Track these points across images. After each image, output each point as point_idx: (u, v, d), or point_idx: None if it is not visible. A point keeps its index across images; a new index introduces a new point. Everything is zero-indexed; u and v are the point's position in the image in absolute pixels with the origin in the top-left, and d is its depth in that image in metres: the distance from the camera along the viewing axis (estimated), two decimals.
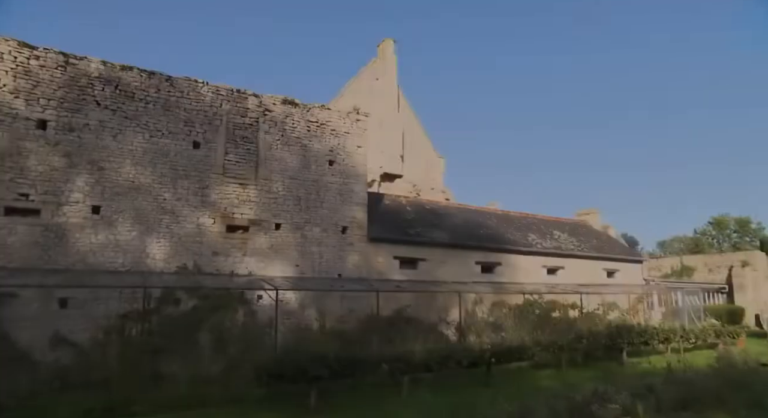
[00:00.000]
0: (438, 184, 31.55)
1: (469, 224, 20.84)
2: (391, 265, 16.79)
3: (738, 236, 70.92)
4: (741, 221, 71.06)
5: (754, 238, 67.61)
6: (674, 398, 8.49)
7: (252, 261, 13.75)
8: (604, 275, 23.67)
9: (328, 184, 15.43)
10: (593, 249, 23.82)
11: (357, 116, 16.42)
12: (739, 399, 8.78)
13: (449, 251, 18.23)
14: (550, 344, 13.91)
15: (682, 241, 75.17)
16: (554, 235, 23.47)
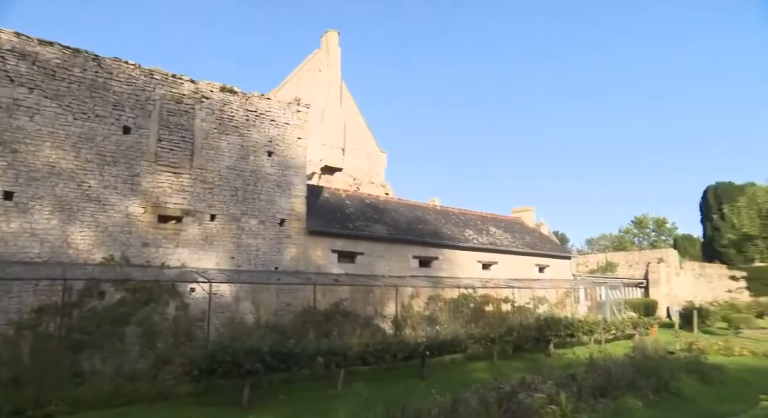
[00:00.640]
0: (379, 179, 31.67)
1: (408, 219, 21.06)
2: (330, 258, 16.69)
3: (656, 234, 76.10)
4: (659, 221, 76.28)
5: (669, 237, 72.86)
6: (594, 385, 9.00)
7: (185, 253, 13.22)
8: (536, 271, 24.66)
9: (266, 176, 15.08)
10: (526, 245, 24.74)
11: (298, 107, 16.13)
12: (649, 384, 9.45)
13: (388, 245, 18.35)
14: (482, 336, 14.35)
15: (608, 238, 79.77)
16: (490, 231, 24.18)
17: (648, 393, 9.16)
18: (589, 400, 8.38)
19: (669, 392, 9.61)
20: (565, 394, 8.24)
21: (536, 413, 7.60)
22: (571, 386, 8.87)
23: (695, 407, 8.70)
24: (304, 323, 14.28)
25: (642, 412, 8.31)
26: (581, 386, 8.94)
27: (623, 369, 10.00)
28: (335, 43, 30.19)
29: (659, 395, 9.35)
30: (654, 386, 9.58)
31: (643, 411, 8.35)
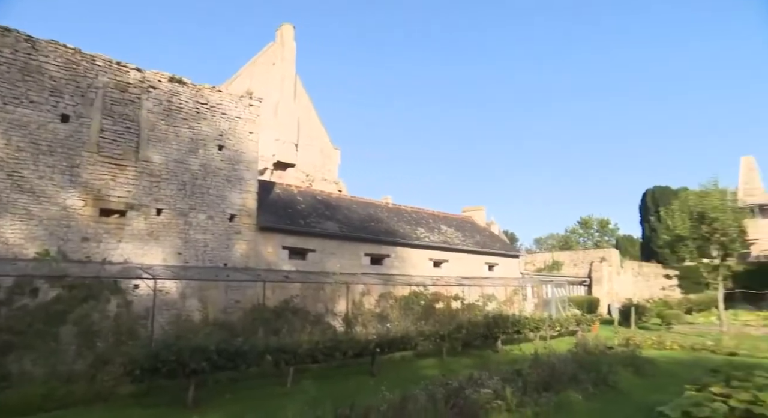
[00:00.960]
0: (332, 176, 31.49)
1: (361, 217, 21.06)
2: (280, 255, 16.46)
3: (600, 235, 79.44)
4: (602, 221, 79.68)
5: (611, 237, 76.24)
6: (538, 380, 9.29)
7: (129, 248, 12.68)
8: (486, 269, 25.21)
9: (216, 170, 14.69)
10: (477, 244, 25.25)
11: (250, 101, 15.78)
12: (590, 378, 9.86)
13: (339, 242, 18.28)
14: (432, 334, 14.53)
15: (555, 238, 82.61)
16: (442, 229, 24.51)
17: (588, 387, 9.54)
18: (533, 394, 8.63)
19: (607, 385, 10.04)
20: (511, 389, 8.46)
21: (482, 408, 7.77)
22: (516, 381, 9.12)
23: (629, 399, 9.14)
24: (254, 321, 14.03)
25: (582, 405, 8.63)
26: (526, 381, 9.21)
27: (566, 364, 10.37)
28: (290, 36, 29.72)
29: (598, 388, 9.76)
30: (594, 379, 9.99)
31: (583, 404, 8.68)
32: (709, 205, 19.67)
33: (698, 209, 19.95)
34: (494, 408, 7.83)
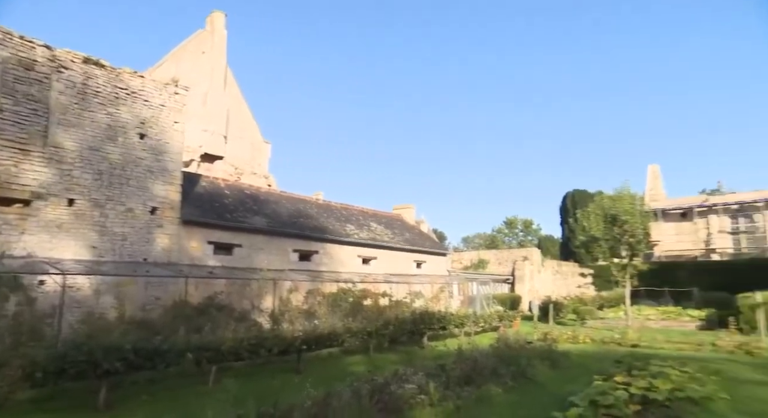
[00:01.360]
0: (262, 170, 30.77)
1: (290, 212, 20.73)
2: (205, 250, 15.87)
3: (524, 234, 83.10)
4: (526, 222, 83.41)
5: (534, 237, 80.00)
6: (461, 375, 9.57)
7: (33, 241, 11.70)
8: (414, 266, 25.61)
9: (137, 160, 13.88)
10: (406, 242, 25.59)
11: (176, 89, 15.05)
12: (509, 372, 10.29)
13: (267, 237, 17.90)
14: (360, 330, 14.57)
15: (482, 237, 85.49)
16: (371, 227, 24.63)
17: (507, 380, 9.94)
18: (455, 388, 8.87)
19: (525, 378, 10.52)
20: (434, 384, 8.65)
21: (407, 403, 7.89)
22: (440, 376, 9.34)
23: (545, 390, 9.63)
24: (175, 318, 13.40)
25: (501, 397, 8.98)
26: (449, 375, 9.45)
27: (488, 359, 10.74)
28: (221, 24, 28.68)
29: (517, 381, 10.20)
30: (513, 373, 10.42)
31: (503, 396, 9.04)
32: (620, 209, 21.12)
33: (611, 212, 21.36)
34: (418, 403, 7.97)
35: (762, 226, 45.27)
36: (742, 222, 46.81)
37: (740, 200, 46.61)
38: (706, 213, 48.06)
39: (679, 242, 48.81)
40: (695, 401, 8.12)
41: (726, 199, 47.54)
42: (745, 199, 46.30)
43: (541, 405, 8.24)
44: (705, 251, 47.23)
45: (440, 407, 8.00)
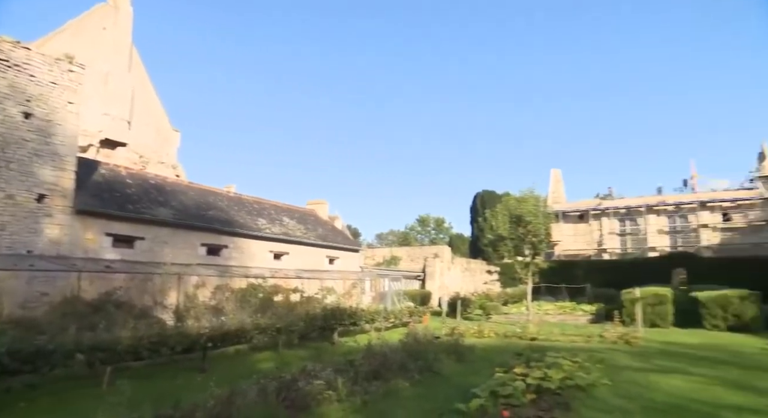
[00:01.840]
0: (170, 159, 29.12)
1: (198, 204, 19.83)
2: (103, 243, 14.75)
3: (435, 232, 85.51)
4: (438, 220, 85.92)
5: (446, 235, 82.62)
6: (369, 370, 9.64)
7: None
8: (327, 262, 25.48)
9: (21, 141, 12.56)
10: (318, 237, 25.39)
11: (70, 66, 13.79)
12: (417, 366, 10.54)
13: (173, 230, 16.99)
14: (269, 326, 14.23)
15: (395, 234, 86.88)
16: (284, 221, 24.18)
17: (415, 374, 10.16)
18: (363, 383, 8.94)
19: (432, 372, 10.81)
20: (343, 379, 8.66)
21: (314, 399, 7.82)
22: (349, 372, 9.36)
23: (450, 383, 9.95)
24: (64, 316, 12.31)
25: (408, 391, 9.16)
26: (358, 371, 9.49)
27: (396, 354, 10.90)
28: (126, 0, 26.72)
29: (424, 375, 10.45)
30: (420, 367, 10.67)
31: (410, 390, 9.22)
32: (525, 210, 22.33)
33: (516, 213, 22.53)
34: (325, 399, 7.93)
35: (644, 228, 50.05)
36: (628, 225, 51.45)
37: (627, 205, 51.17)
38: (599, 216, 52.26)
39: (576, 242, 52.68)
40: (582, 387, 8.79)
41: (616, 204, 51.95)
42: (631, 205, 50.92)
43: (446, 397, 8.50)
44: (598, 251, 51.38)
45: (348, 403, 8.02)
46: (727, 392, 9.03)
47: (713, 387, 9.45)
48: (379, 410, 7.84)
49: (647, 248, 48.95)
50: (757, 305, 19.93)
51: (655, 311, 21.09)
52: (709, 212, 47.88)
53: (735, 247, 44.91)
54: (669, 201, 49.88)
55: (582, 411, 7.60)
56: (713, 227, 47.47)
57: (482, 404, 7.46)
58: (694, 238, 47.92)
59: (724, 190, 49.21)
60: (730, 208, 47.53)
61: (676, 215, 49.66)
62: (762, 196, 45.98)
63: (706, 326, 20.17)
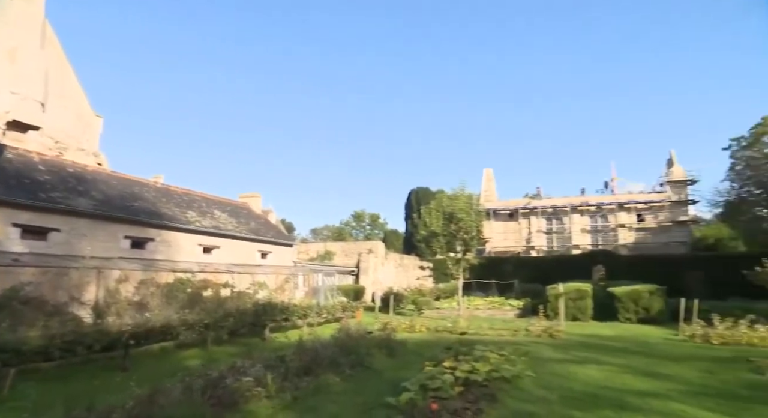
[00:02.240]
0: (91, 146, 27.32)
1: (122, 195, 18.77)
2: (10, 234, 13.62)
3: (371, 228, 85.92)
4: (373, 216, 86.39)
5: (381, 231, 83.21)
6: (300, 365, 9.55)
7: None
8: (259, 257, 24.93)
9: None
10: (251, 231, 24.78)
11: None
12: (348, 361, 10.54)
13: (92, 222, 15.97)
14: (197, 322, 13.74)
15: (330, 229, 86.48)
16: (215, 214, 23.40)
17: (346, 369, 10.15)
18: (294, 379, 8.83)
19: (363, 367, 10.84)
20: (272, 375, 8.50)
21: (243, 396, 7.64)
22: (279, 368, 9.21)
23: (381, 377, 10.02)
24: None
25: (339, 385, 9.14)
26: (288, 366, 9.36)
27: (328, 349, 10.85)
28: None
29: (355, 369, 10.46)
30: (352, 362, 10.67)
31: (341, 385, 9.20)
32: (457, 207, 22.88)
33: (449, 210, 23.03)
34: (254, 395, 7.77)
35: (568, 227, 52.79)
36: (554, 224, 54.09)
37: (554, 205, 53.78)
38: (528, 215, 54.57)
39: (506, 240, 54.71)
40: (507, 379, 9.13)
41: (543, 203, 54.44)
42: (557, 204, 53.57)
43: (377, 392, 8.55)
44: (526, 248, 53.66)
45: (278, 399, 7.89)
46: (634, 379, 9.71)
47: (623, 375, 10.12)
48: (309, 406, 7.76)
49: (571, 245, 51.71)
50: (663, 299, 21.53)
51: (577, 306, 22.27)
52: (626, 213, 51.28)
53: (647, 245, 48.42)
54: (591, 202, 52.90)
55: (507, 402, 7.89)
56: (629, 227, 50.89)
57: (412, 398, 7.56)
58: (613, 237, 51.15)
59: (639, 193, 52.82)
60: (643, 209, 51.12)
61: (598, 215, 52.76)
62: (670, 199, 49.82)
63: (621, 318, 21.55)
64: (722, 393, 8.61)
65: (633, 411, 7.38)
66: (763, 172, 39.10)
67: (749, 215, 42.71)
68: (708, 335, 15.44)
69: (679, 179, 50.44)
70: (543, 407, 7.60)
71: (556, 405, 7.70)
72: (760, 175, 39.40)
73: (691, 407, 7.58)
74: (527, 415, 7.16)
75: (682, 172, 50.78)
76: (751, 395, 8.53)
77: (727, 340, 14.95)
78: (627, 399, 8.08)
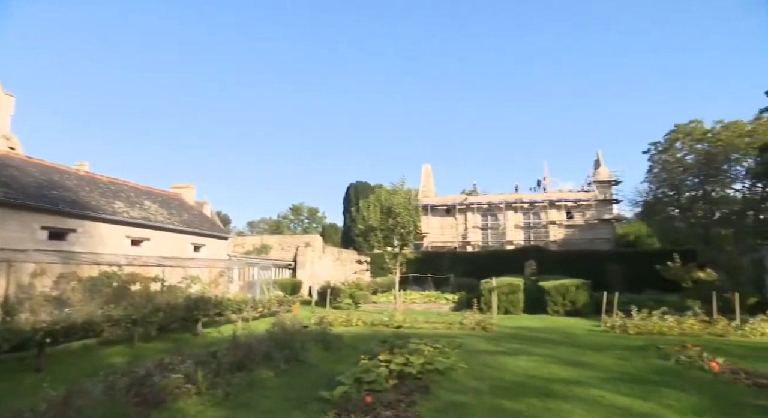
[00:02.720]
0: (2, 129, 25.21)
1: (39, 182, 17.49)
2: None
3: (309, 221, 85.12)
4: (312, 209, 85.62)
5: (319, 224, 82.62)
6: (233, 361, 9.32)
7: None
8: (192, 249, 24.06)
9: None
10: (183, 223, 23.85)
11: None
12: (283, 356, 10.40)
13: (2, 210, 14.77)
14: (123, 318, 13.06)
15: (267, 222, 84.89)
16: (144, 205, 22.33)
17: (281, 364, 10.01)
18: (226, 375, 8.62)
19: (298, 361, 10.72)
20: (203, 371, 8.24)
21: (171, 393, 7.37)
22: (211, 364, 8.96)
23: (316, 371, 9.94)
24: None
25: (273, 380, 9.00)
26: (221, 362, 9.12)
27: (262, 344, 10.65)
28: None
29: (290, 364, 10.34)
30: (287, 356, 10.54)
31: (275, 380, 9.06)
32: (395, 202, 23.07)
33: (387, 205, 23.18)
34: (184, 392, 7.51)
35: (503, 223, 54.63)
36: (490, 220, 55.79)
37: (489, 201, 55.46)
38: (464, 211, 55.94)
39: (443, 235, 55.83)
40: (441, 371, 9.32)
41: (479, 200, 56.00)
42: (493, 201, 55.30)
43: (311, 386, 8.49)
44: (462, 243, 54.99)
45: (208, 395, 7.67)
46: (559, 369, 10.19)
47: (549, 365, 10.60)
48: (241, 402, 7.59)
49: (505, 241, 53.56)
50: (588, 293, 22.76)
51: (509, 299, 23.08)
52: (557, 211, 53.71)
53: (575, 242, 51.00)
54: (525, 199, 54.99)
55: (439, 393, 8.05)
56: (559, 224, 53.35)
57: (346, 391, 7.56)
58: (544, 233, 53.46)
59: (569, 191, 55.48)
60: (572, 207, 53.76)
61: (531, 212, 54.94)
62: (596, 198, 52.69)
63: (549, 311, 22.57)
64: (635, 378, 9.24)
65: (557, 398, 7.74)
66: (675, 175, 42.17)
67: (663, 214, 46.00)
68: (626, 325, 16.48)
69: (604, 179, 53.45)
70: (474, 397, 7.81)
71: (486, 395, 7.93)
72: (672, 178, 42.47)
73: (609, 393, 8.06)
74: (458, 405, 7.33)
75: (608, 172, 53.84)
76: (659, 379, 9.21)
77: (642, 330, 16.02)
78: (552, 387, 8.46)
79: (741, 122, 38.56)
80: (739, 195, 40.56)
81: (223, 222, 51.54)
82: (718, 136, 38.99)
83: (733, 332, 15.53)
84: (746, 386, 8.53)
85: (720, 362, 10.13)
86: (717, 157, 38.87)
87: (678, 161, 42.48)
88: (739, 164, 39.31)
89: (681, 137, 42.45)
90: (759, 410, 7.17)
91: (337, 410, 6.75)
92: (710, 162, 39.28)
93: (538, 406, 7.34)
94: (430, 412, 6.96)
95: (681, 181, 42.14)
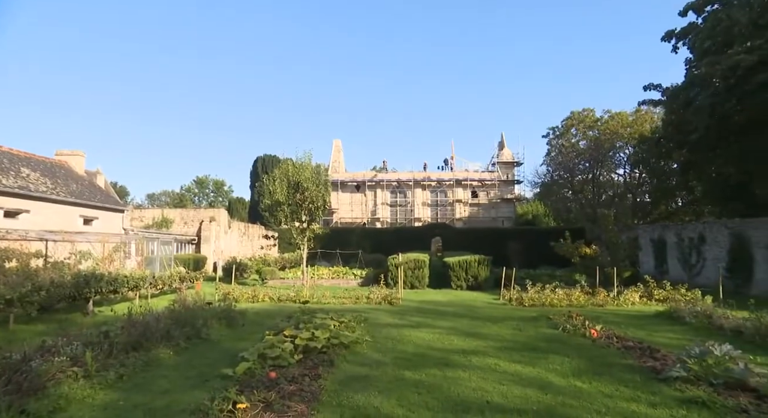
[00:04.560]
0: None
1: None
2: None
3: (215, 195, 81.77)
4: (217, 182, 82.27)
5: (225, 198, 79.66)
6: (128, 340, 8.81)
7: None
8: (81, 222, 22.20)
9: None
10: (71, 194, 21.88)
11: None
12: (183, 333, 10.00)
13: None
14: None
15: (170, 195, 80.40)
16: (22, 173, 20.15)
17: (180, 342, 9.62)
18: (120, 356, 8.14)
19: (200, 338, 10.36)
20: (93, 353, 7.71)
21: (53, 378, 6.78)
22: (102, 345, 8.41)
23: (218, 348, 9.67)
24: None
25: (172, 359, 8.65)
26: (114, 342, 8.59)
27: (161, 322, 10.15)
28: None
29: (191, 341, 9.97)
30: (187, 334, 10.14)
31: (174, 358, 8.71)
32: (303, 177, 22.69)
33: (295, 179, 22.75)
34: (69, 377, 6.95)
35: (411, 201, 55.97)
36: (399, 197, 56.88)
37: (398, 179, 56.46)
38: (374, 187, 56.52)
39: (352, 211, 56.13)
40: (346, 345, 9.44)
41: (389, 177, 56.83)
42: (402, 178, 56.36)
43: (213, 363, 8.26)
44: (371, 220, 55.67)
45: (99, 378, 7.17)
46: (459, 340, 10.74)
47: (450, 336, 11.12)
48: (136, 383, 7.21)
49: (414, 218, 54.97)
50: (489, 268, 24.10)
51: (415, 275, 23.81)
52: (463, 189, 55.94)
53: (479, 220, 53.62)
54: (433, 177, 56.64)
55: (344, 366, 8.16)
56: (465, 202, 55.68)
57: (250, 368, 7.43)
58: (451, 211, 55.56)
59: (474, 171, 57.91)
60: (477, 186, 56.29)
61: (438, 190, 56.74)
62: (499, 178, 55.54)
63: (453, 286, 23.62)
64: (527, 346, 10.00)
65: (456, 368, 8.16)
66: (570, 159, 45.56)
67: (558, 195, 49.67)
68: (522, 298, 17.68)
69: (508, 161, 56.38)
70: (377, 369, 8.01)
71: (389, 367, 8.17)
72: (567, 162, 45.86)
73: (503, 361, 8.64)
74: (362, 377, 7.49)
75: (511, 154, 56.83)
76: (547, 346, 10.04)
77: (536, 302, 17.30)
78: (452, 358, 8.90)
79: (624, 113, 42.40)
80: (621, 180, 44.75)
81: (119, 194, 48.05)
82: (606, 125, 42.60)
83: (610, 302, 17.29)
84: (617, 349, 9.62)
85: (598, 329, 11.32)
86: (604, 145, 42.48)
87: (572, 146, 45.85)
88: (622, 151, 43.28)
89: (575, 124, 45.81)
90: (625, 368, 8.15)
91: (240, 387, 6.61)
92: (599, 148, 42.83)
93: (437, 375, 7.68)
94: (334, 385, 7.04)
95: (575, 165, 45.62)
